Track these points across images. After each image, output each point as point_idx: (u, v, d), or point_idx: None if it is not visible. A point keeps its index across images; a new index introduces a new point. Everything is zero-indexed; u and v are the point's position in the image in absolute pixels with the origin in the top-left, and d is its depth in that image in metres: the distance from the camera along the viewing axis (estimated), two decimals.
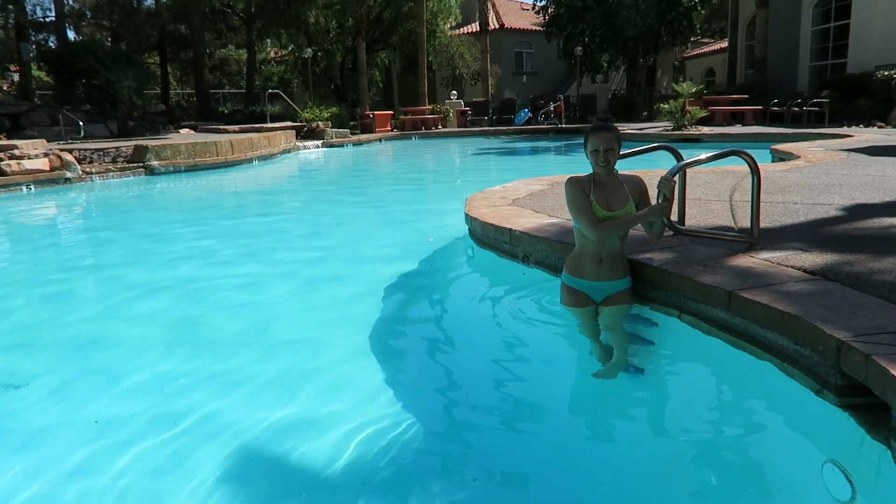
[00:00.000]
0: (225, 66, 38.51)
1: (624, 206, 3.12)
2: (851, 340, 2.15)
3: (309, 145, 19.17)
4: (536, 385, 3.25)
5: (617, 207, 3.11)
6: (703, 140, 15.60)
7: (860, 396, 2.17)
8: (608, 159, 3.07)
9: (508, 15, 35.34)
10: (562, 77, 35.35)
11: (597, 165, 3.10)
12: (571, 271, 3.28)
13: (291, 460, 2.57)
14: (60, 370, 3.49)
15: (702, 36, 35.55)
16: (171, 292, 4.95)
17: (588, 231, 3.10)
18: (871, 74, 17.90)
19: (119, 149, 12.87)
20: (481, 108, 26.67)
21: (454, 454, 2.69)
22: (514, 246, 4.39)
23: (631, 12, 25.78)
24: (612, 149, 3.07)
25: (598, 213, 3.09)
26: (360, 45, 27.76)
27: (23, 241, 7.31)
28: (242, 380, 3.30)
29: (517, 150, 18.59)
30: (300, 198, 11.00)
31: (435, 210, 8.81)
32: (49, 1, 25.41)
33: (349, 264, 5.73)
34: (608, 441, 2.85)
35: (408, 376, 3.39)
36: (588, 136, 3.11)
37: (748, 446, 2.65)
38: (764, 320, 2.60)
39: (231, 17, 28.57)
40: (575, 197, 3.12)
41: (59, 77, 19.33)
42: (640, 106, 25.83)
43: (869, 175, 6.70)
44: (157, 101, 29.33)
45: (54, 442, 2.72)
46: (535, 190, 6.15)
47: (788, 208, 4.78)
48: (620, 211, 3.11)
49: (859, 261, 3.16)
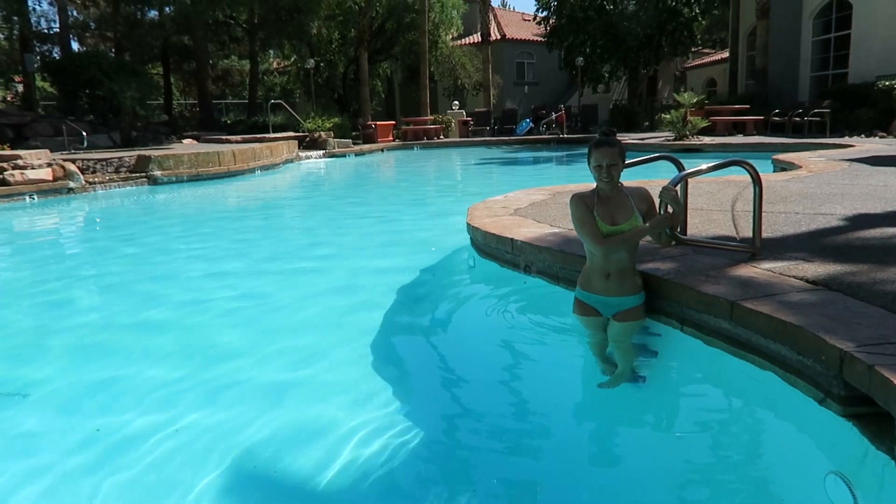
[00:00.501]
0: (228, 76, 38.73)
1: (629, 220, 3.11)
2: (854, 351, 2.15)
3: (311, 155, 19.23)
4: (538, 395, 3.24)
5: (622, 221, 3.11)
6: (705, 150, 15.62)
7: (863, 406, 2.16)
8: (611, 174, 3.07)
9: (510, 26, 35.51)
10: (563, 87, 35.46)
11: (600, 180, 3.10)
12: (582, 286, 3.30)
13: (291, 470, 2.56)
14: (61, 378, 3.49)
15: (703, 46, 35.71)
16: (172, 301, 4.96)
17: (593, 247, 3.11)
18: (872, 84, 17.93)
19: (122, 159, 12.92)
20: (483, 119, 26.76)
21: (454, 463, 2.68)
22: (515, 256, 4.39)
23: (632, 23, 25.93)
24: (615, 164, 3.06)
25: (602, 229, 3.09)
26: (363, 56, 27.91)
27: (24, 250, 7.32)
28: (242, 388, 3.29)
29: (519, 160, 18.63)
30: (301, 207, 11.03)
31: (436, 220, 8.82)
32: (54, 12, 25.57)
33: (350, 274, 5.73)
34: (610, 450, 2.84)
35: (409, 385, 3.39)
36: (591, 152, 3.10)
37: (751, 456, 2.64)
38: (766, 330, 2.60)
39: (234, 28, 28.72)
40: (578, 213, 3.13)
41: (62, 88, 19.44)
42: (642, 116, 25.90)
43: (871, 185, 6.70)
44: (160, 112, 29.43)
45: (56, 447, 2.73)
46: (536, 200, 6.16)
47: (790, 218, 4.78)
48: (625, 225, 3.10)
49: (862, 271, 3.16)
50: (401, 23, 29.41)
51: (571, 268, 3.87)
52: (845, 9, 19.86)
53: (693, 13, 26.36)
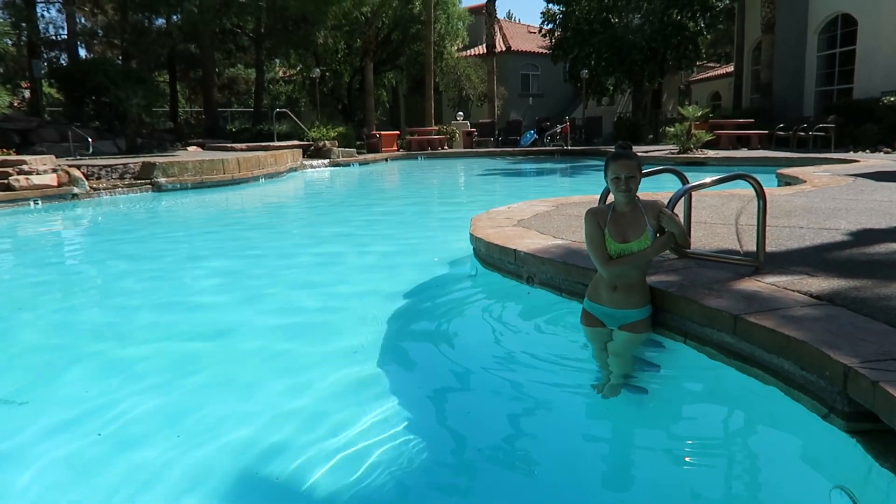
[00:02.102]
0: (234, 84, 38.91)
1: (640, 237, 3.13)
2: (858, 366, 2.14)
3: (315, 164, 19.27)
4: (539, 406, 3.22)
5: (633, 238, 3.13)
6: (709, 163, 15.62)
7: (868, 423, 2.15)
8: (630, 186, 3.09)
9: (515, 38, 35.66)
10: (568, 99, 35.55)
11: (618, 192, 3.12)
12: (590, 296, 3.33)
13: (291, 477, 2.54)
14: (62, 384, 3.48)
15: (707, 60, 35.80)
16: (173, 308, 4.95)
17: (599, 269, 3.17)
18: (877, 100, 17.94)
19: (127, 165, 12.96)
20: (487, 130, 26.82)
21: (453, 473, 2.66)
22: (518, 267, 4.38)
23: (637, 36, 26.02)
24: (633, 176, 3.09)
25: (611, 247, 3.12)
26: (368, 66, 28.05)
27: (27, 255, 7.33)
28: (242, 396, 3.28)
29: (522, 172, 18.65)
30: (305, 215, 11.04)
31: (440, 230, 8.82)
32: (62, 19, 25.77)
33: (352, 283, 5.72)
34: (611, 463, 2.81)
35: (410, 395, 3.37)
36: (608, 164, 3.13)
37: (753, 471, 2.62)
38: (770, 345, 2.58)
39: (241, 37, 28.88)
40: (590, 231, 3.18)
41: (69, 94, 19.56)
42: (646, 129, 25.94)
43: (875, 200, 6.69)
44: (166, 119, 29.55)
45: (57, 451, 2.72)
46: (540, 211, 6.16)
47: (794, 232, 4.77)
48: (635, 243, 3.12)
49: (866, 286, 3.15)
50: (406, 34, 29.58)
51: (574, 279, 3.86)
52: (850, 24, 19.91)
53: (698, 27, 26.45)
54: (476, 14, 32.57)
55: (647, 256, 3.15)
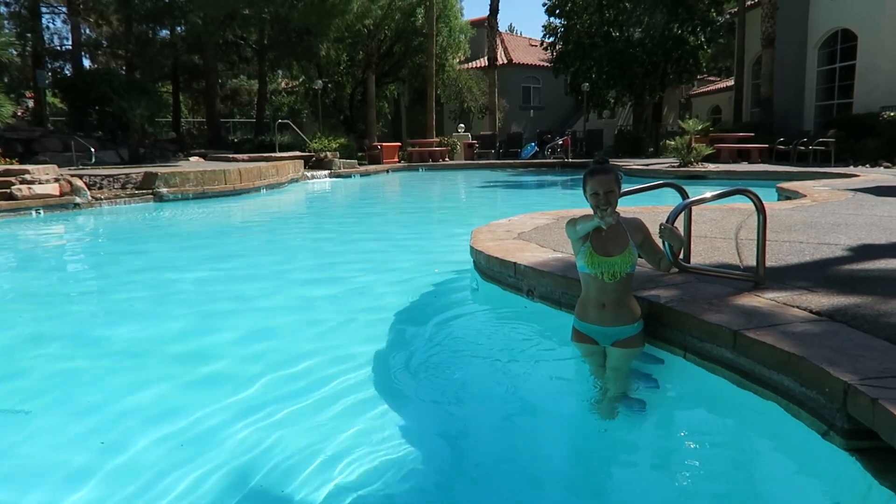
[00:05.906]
0: (236, 95, 39.10)
1: (623, 252, 3.10)
2: (858, 384, 2.13)
3: (317, 175, 19.32)
4: (537, 420, 3.21)
5: (615, 253, 3.10)
6: (709, 177, 15.64)
7: (867, 440, 2.14)
8: (609, 201, 3.02)
9: (517, 50, 35.84)
10: (569, 112, 35.68)
11: (597, 209, 3.04)
12: (579, 315, 3.28)
13: (289, 485, 2.53)
14: (63, 391, 3.47)
15: (708, 74, 35.97)
16: (174, 317, 4.95)
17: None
18: (876, 115, 17.99)
19: (129, 175, 13.00)
20: (488, 142, 26.91)
21: (451, 484, 2.65)
22: (518, 280, 4.38)
23: (638, 50, 26.18)
24: (612, 191, 3.02)
25: (594, 260, 3.09)
26: (370, 78, 28.20)
27: (27, 264, 7.34)
28: (242, 404, 3.27)
29: (523, 184, 18.68)
30: (305, 227, 11.05)
31: (440, 242, 8.82)
32: (66, 30, 25.98)
33: (351, 295, 5.72)
34: (608, 478, 2.80)
35: (407, 408, 3.36)
36: (586, 180, 3.07)
37: (753, 488, 2.60)
38: (769, 361, 2.58)
39: (244, 48, 29.08)
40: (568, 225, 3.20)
41: (73, 104, 19.65)
42: (647, 142, 26.00)
43: (875, 215, 6.69)
44: (169, 129, 29.69)
45: (60, 460, 2.71)
46: (540, 224, 6.16)
47: (794, 247, 4.77)
48: (618, 256, 3.09)
49: (866, 302, 3.14)
50: (409, 46, 29.77)
51: (574, 293, 3.85)
52: (850, 39, 20.00)
53: (699, 41, 26.60)
54: (478, 27, 32.74)
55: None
